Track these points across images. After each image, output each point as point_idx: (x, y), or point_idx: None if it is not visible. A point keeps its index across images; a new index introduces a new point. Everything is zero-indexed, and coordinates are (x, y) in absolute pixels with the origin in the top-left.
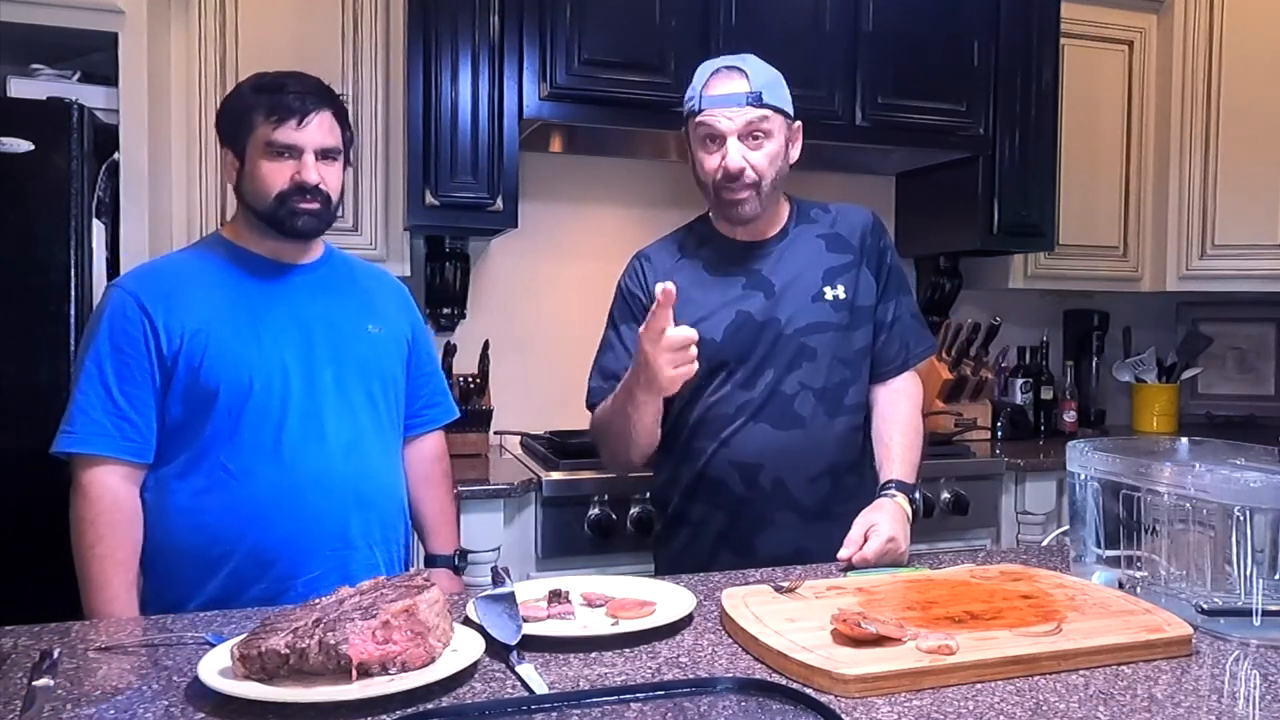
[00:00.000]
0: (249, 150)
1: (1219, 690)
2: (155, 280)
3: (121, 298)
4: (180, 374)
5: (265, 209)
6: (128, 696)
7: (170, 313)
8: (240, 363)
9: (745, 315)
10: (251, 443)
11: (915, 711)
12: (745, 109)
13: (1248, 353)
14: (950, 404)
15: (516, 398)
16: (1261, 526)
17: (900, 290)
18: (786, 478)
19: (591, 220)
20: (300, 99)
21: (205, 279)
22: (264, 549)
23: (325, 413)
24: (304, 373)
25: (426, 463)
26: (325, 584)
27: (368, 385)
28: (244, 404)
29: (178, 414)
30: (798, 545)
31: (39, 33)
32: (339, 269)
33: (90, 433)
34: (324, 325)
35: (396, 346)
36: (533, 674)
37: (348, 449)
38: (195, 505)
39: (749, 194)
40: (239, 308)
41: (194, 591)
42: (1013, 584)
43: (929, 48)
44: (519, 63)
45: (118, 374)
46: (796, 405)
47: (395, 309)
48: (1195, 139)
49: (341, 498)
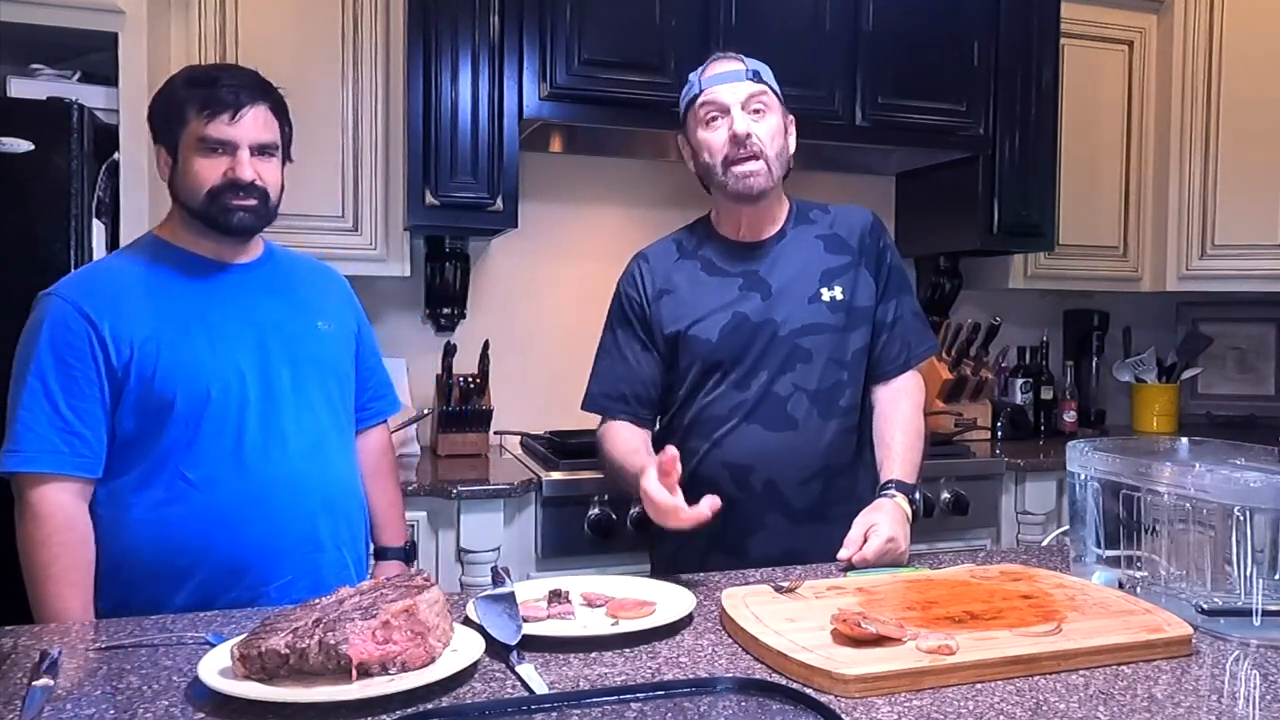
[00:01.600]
0: (181, 146)
1: (1219, 690)
2: (95, 287)
3: (61, 307)
4: (132, 385)
5: (198, 206)
6: (128, 696)
7: (117, 321)
8: (196, 370)
9: (741, 316)
10: (211, 451)
11: (915, 711)
12: (746, 83)
13: (1248, 353)
14: (950, 404)
15: (516, 398)
16: (1261, 526)
17: (901, 290)
18: (778, 479)
19: (591, 220)
20: (234, 92)
21: (148, 284)
22: (233, 557)
23: (285, 415)
24: (260, 376)
25: (375, 455)
26: (297, 588)
27: (324, 384)
28: (202, 412)
29: (130, 426)
30: (788, 547)
31: (39, 33)
32: (281, 265)
33: (38, 450)
34: (275, 325)
35: (346, 342)
36: (533, 674)
37: (310, 450)
38: (156, 517)
39: (759, 164)
40: (187, 312)
41: (160, 604)
42: (1013, 584)
43: (929, 48)
44: (519, 63)
45: (63, 387)
46: (790, 407)
47: (341, 303)
48: (1195, 139)
49: (308, 500)
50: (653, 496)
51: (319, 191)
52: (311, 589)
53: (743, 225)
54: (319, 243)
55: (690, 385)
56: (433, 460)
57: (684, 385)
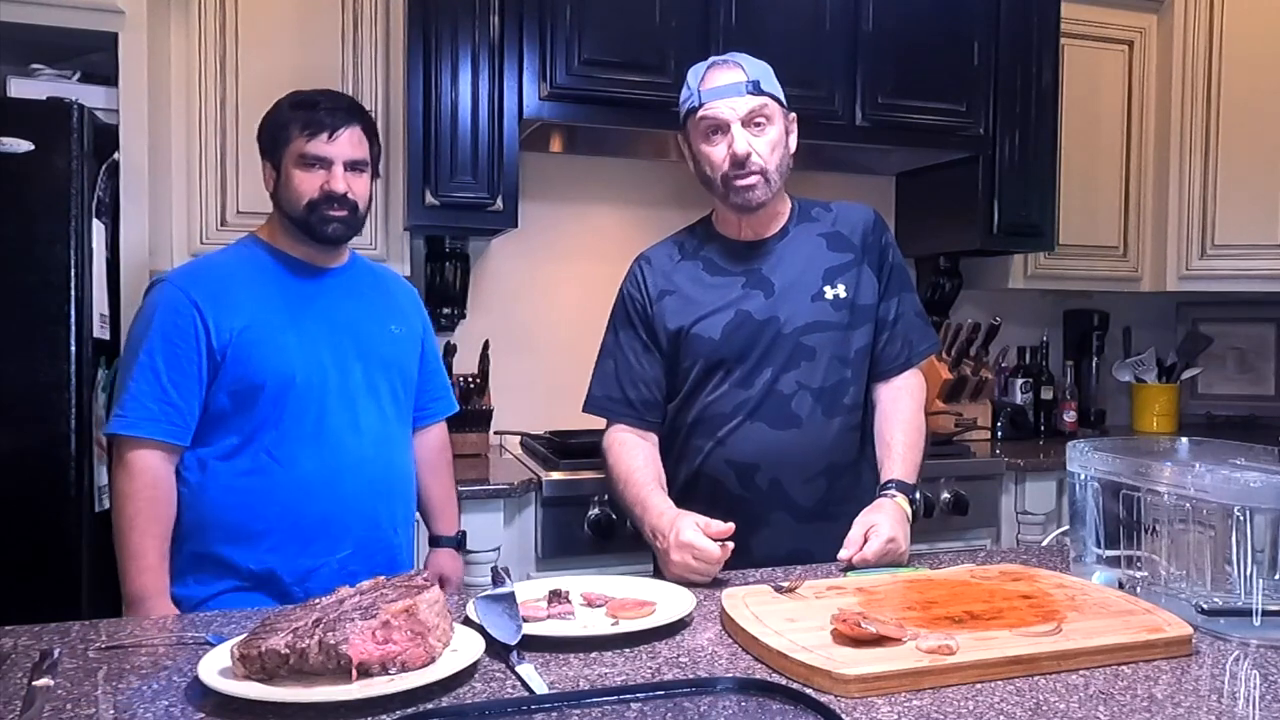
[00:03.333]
0: (284, 161)
1: (1219, 690)
2: (204, 278)
3: (174, 293)
4: (229, 367)
5: (298, 215)
6: (127, 696)
7: (219, 310)
8: (284, 358)
9: (744, 314)
10: (294, 432)
11: (915, 711)
12: (746, 97)
13: (1248, 353)
14: (950, 404)
15: (516, 398)
16: (1261, 526)
17: (903, 287)
18: (783, 478)
19: (591, 220)
20: (332, 114)
21: (248, 279)
22: (303, 527)
23: (358, 405)
24: (338, 368)
25: (434, 451)
26: (354, 561)
27: (391, 381)
28: (287, 396)
29: (223, 402)
30: (793, 547)
31: (39, 33)
32: (364, 273)
33: (139, 417)
34: (353, 325)
35: (413, 345)
36: (533, 674)
37: (378, 439)
38: (241, 485)
39: (758, 179)
40: (280, 307)
41: (232, 560)
42: (1013, 584)
43: (929, 48)
44: (519, 63)
45: (168, 364)
46: (794, 405)
47: (411, 310)
48: (1195, 139)
49: (372, 483)
50: (696, 545)
51: None
52: (365, 563)
53: (744, 226)
54: None
55: (693, 384)
56: None
57: (687, 384)
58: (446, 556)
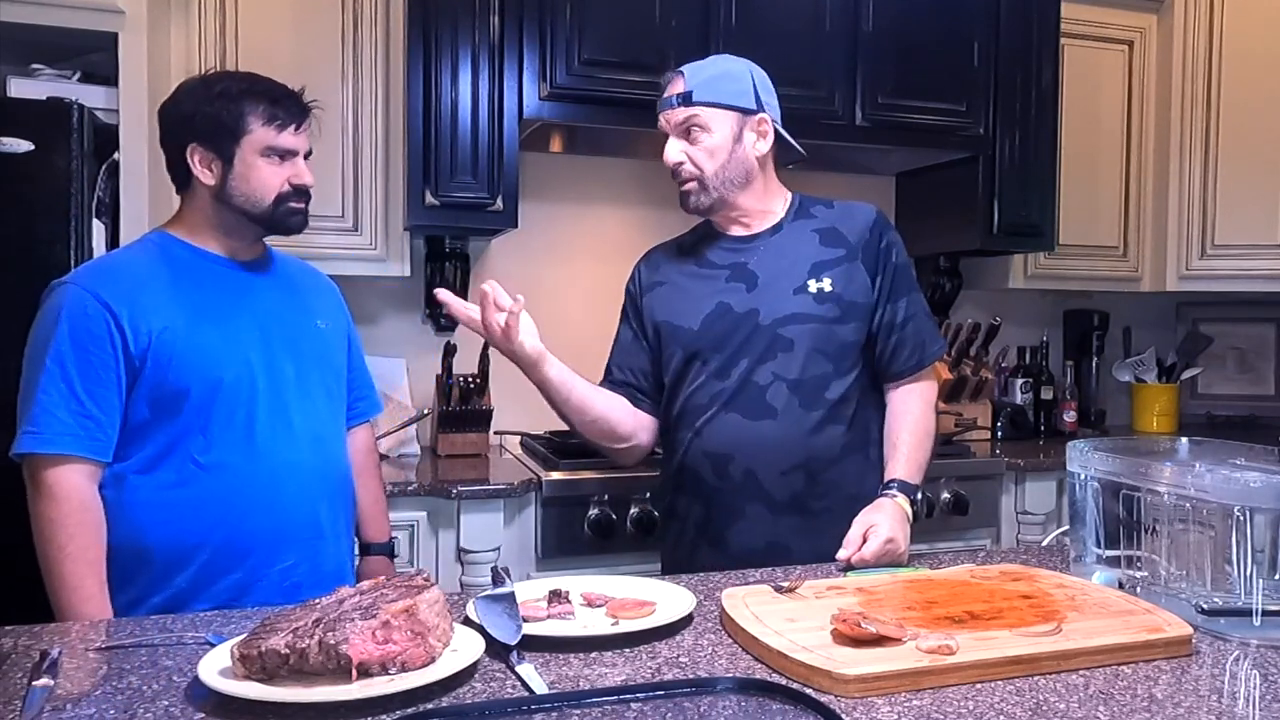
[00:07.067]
0: (241, 152)
1: (1219, 690)
2: (113, 278)
3: (80, 295)
4: (148, 373)
5: (261, 209)
6: (128, 696)
7: (135, 311)
8: (210, 360)
9: (725, 306)
10: (223, 437)
11: (915, 711)
12: (676, 110)
13: (1248, 353)
14: (950, 404)
15: (516, 398)
16: (1261, 526)
17: (910, 288)
18: (757, 469)
19: (591, 220)
20: (295, 104)
21: (163, 277)
22: (239, 540)
23: (290, 405)
24: (267, 367)
25: (361, 454)
26: (297, 573)
27: (325, 378)
28: (214, 400)
29: (143, 411)
30: (770, 539)
31: (39, 33)
32: (283, 267)
33: (55, 432)
34: (279, 321)
35: (340, 341)
36: (533, 674)
37: (314, 440)
38: (164, 499)
39: (693, 185)
40: (201, 306)
41: (162, 584)
42: (1013, 584)
43: (929, 48)
44: (519, 63)
45: (81, 372)
46: (769, 396)
47: (334, 305)
48: (1195, 139)
49: (310, 487)
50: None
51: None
52: (310, 574)
53: (734, 221)
54: (319, 243)
55: (676, 375)
56: (433, 460)
57: (671, 375)
58: (379, 564)
